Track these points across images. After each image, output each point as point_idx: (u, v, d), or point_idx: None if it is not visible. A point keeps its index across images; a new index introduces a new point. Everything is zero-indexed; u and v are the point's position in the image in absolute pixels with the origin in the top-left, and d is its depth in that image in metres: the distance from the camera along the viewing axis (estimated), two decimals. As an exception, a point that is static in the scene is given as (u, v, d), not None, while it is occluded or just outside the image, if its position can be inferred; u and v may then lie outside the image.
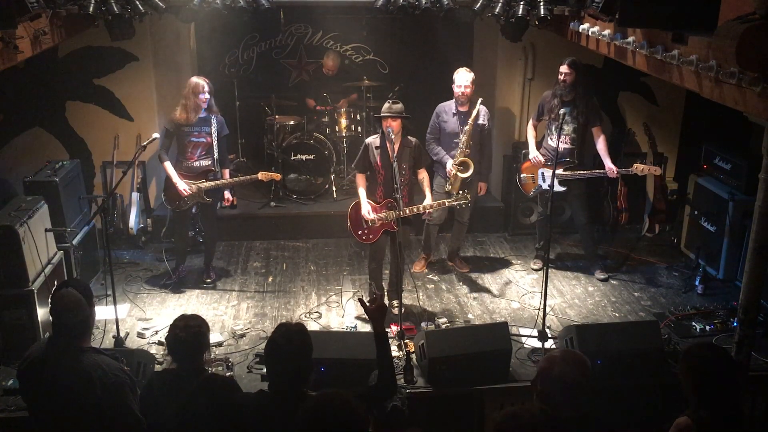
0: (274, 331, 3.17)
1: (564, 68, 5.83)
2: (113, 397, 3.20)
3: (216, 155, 5.76)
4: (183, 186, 5.66)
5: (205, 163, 5.77)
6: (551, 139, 6.01)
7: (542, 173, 6.09)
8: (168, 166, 5.69)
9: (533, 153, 6.17)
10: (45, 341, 3.40)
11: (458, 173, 5.91)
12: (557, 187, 5.88)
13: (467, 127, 5.88)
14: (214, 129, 5.71)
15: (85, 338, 3.35)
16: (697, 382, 2.95)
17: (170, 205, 5.91)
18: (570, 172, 5.93)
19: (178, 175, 5.70)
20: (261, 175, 5.78)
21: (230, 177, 5.91)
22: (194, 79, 5.67)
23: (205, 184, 5.73)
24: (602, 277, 6.26)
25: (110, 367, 3.25)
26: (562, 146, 5.91)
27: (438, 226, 6.40)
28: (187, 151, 5.73)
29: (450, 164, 5.95)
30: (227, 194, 5.92)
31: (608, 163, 5.90)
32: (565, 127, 5.88)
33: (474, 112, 5.87)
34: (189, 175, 5.75)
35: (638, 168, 5.81)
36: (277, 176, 5.97)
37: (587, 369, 2.93)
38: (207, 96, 5.64)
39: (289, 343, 3.06)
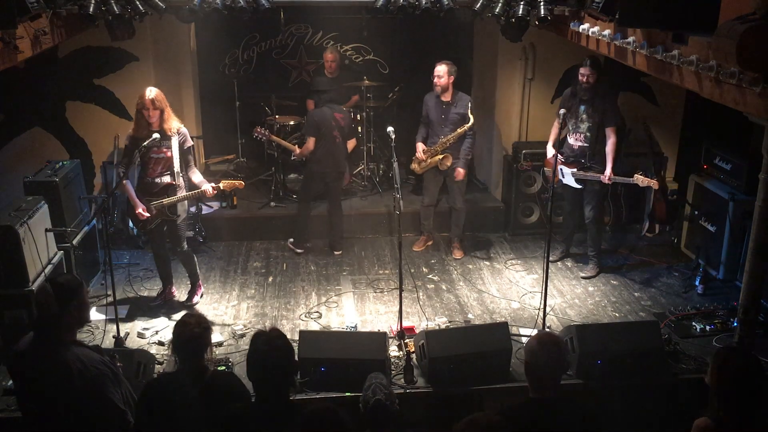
0: (252, 341, 3.15)
1: (584, 69, 5.83)
2: (93, 389, 3.18)
3: (176, 169, 5.26)
4: (140, 209, 5.24)
5: (166, 179, 5.30)
6: (569, 137, 6.16)
7: (561, 170, 6.16)
8: (128, 185, 5.29)
9: (550, 152, 6.24)
10: (32, 335, 3.39)
11: (443, 160, 6.35)
12: (574, 184, 6.13)
13: (450, 136, 6.30)
14: (175, 143, 5.22)
15: (65, 332, 3.27)
16: (720, 384, 2.95)
17: (136, 226, 5.70)
18: (582, 173, 6.04)
19: (139, 192, 5.33)
20: (223, 184, 5.34)
21: (198, 181, 5.36)
22: (143, 94, 5.15)
23: (167, 200, 5.26)
24: (586, 274, 6.29)
25: (90, 359, 3.22)
26: (576, 144, 6.08)
27: (432, 207, 6.73)
28: (148, 167, 5.29)
29: (420, 148, 6.44)
30: (207, 188, 5.31)
31: (608, 168, 5.93)
32: (581, 125, 6.01)
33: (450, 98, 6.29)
34: (150, 191, 5.31)
35: (638, 179, 5.83)
36: (241, 184, 5.48)
37: (561, 345, 3.14)
38: (154, 113, 5.12)
39: (273, 349, 3.06)
